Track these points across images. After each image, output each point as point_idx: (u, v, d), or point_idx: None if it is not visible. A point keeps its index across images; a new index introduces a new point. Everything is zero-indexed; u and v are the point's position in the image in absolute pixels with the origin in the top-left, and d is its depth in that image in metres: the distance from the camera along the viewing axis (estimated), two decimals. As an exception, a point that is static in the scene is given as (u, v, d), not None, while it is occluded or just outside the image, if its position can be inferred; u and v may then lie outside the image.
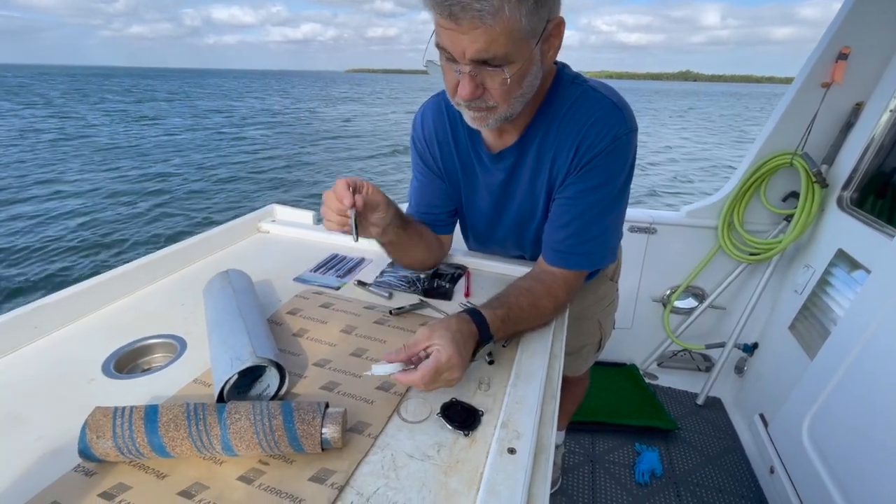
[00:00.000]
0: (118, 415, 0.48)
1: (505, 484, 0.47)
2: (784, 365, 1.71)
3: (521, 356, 0.68)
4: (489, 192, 0.89)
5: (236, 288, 0.72)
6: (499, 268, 0.99)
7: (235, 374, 0.54)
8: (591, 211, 0.76)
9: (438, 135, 0.87)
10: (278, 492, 0.46)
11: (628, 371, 2.10)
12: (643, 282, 2.06)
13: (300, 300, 0.82)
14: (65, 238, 5.62)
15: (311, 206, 1.17)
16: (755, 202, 1.88)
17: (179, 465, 0.49)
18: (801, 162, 1.70)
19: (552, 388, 0.64)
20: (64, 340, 0.69)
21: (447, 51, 0.63)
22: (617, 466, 1.64)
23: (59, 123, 16.11)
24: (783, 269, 1.85)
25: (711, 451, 1.72)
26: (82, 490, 0.46)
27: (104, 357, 0.65)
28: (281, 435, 0.49)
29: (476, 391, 0.63)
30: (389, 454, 0.52)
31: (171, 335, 0.71)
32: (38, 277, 4.65)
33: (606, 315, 1.26)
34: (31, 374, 0.62)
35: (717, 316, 2.04)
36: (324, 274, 0.93)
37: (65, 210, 6.68)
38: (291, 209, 1.20)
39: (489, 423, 0.57)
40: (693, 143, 16.26)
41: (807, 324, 1.64)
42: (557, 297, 0.75)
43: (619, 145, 0.73)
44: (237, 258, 1.00)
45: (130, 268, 0.84)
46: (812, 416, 1.37)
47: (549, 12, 0.64)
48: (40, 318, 0.70)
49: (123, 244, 5.59)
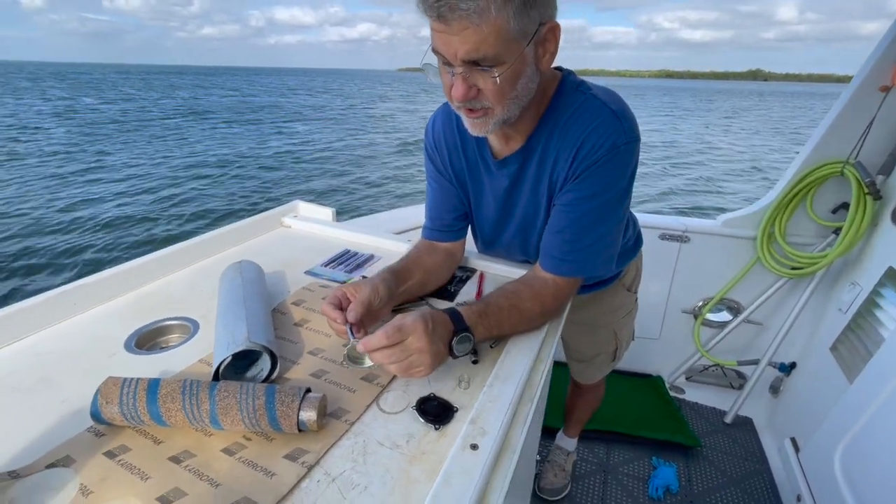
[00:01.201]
0: (125, 385, 0.55)
1: (460, 477, 0.49)
2: (822, 388, 1.60)
3: (504, 357, 0.70)
4: (494, 197, 0.90)
5: (245, 278, 0.78)
6: (513, 272, 0.99)
7: (229, 357, 0.60)
8: (585, 219, 0.76)
9: (448, 141, 0.90)
10: (255, 465, 0.51)
11: (653, 382, 2.04)
12: (673, 291, 1.99)
13: (306, 292, 0.87)
14: (106, 220, 6.20)
15: (335, 202, 1.23)
16: (800, 213, 1.76)
17: (174, 434, 0.55)
18: (853, 171, 1.57)
19: (532, 390, 0.65)
20: (96, 317, 0.78)
21: (441, 54, 0.66)
22: (630, 479, 1.60)
23: (123, 114, 17.65)
24: (827, 286, 1.72)
25: (736, 473, 1.64)
26: (91, 448, 0.52)
27: (127, 334, 0.73)
28: (262, 414, 0.53)
29: (455, 388, 0.65)
30: (362, 440, 0.55)
31: (188, 318, 0.78)
32: (95, 253, 5.18)
33: (623, 325, 1.24)
34: (65, 345, 0.71)
35: (753, 331, 1.93)
36: (334, 268, 0.98)
37: (116, 192, 7.40)
38: (314, 205, 1.27)
39: (462, 419, 0.59)
40: (734, 147, 15.35)
41: (849, 345, 1.53)
42: (544, 302, 0.76)
43: (617, 154, 0.73)
44: (258, 250, 1.08)
45: (161, 254, 0.93)
46: (846, 445, 1.28)
47: (541, 15, 0.65)
48: (79, 296, 0.79)
49: (161, 225, 6.12)
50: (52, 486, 0.47)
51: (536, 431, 1.01)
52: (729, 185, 9.87)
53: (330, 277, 0.94)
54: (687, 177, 10.35)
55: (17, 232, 5.63)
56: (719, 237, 1.87)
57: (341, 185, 8.87)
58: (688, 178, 10.18)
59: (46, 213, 6.33)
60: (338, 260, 1.02)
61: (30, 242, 5.36)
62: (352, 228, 1.18)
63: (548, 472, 1.54)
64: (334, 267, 0.99)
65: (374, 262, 1.03)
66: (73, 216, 6.27)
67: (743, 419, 1.88)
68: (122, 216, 6.34)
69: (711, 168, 11.52)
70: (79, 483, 0.47)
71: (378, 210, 2.16)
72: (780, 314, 1.84)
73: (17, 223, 5.91)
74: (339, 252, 1.06)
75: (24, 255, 5.05)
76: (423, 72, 0.72)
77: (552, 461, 1.56)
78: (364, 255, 1.06)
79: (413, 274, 0.84)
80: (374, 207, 7.25)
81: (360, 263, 1.01)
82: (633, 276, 1.18)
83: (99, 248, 5.31)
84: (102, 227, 5.94)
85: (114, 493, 0.46)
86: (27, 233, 5.64)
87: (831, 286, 1.72)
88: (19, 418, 0.57)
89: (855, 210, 1.57)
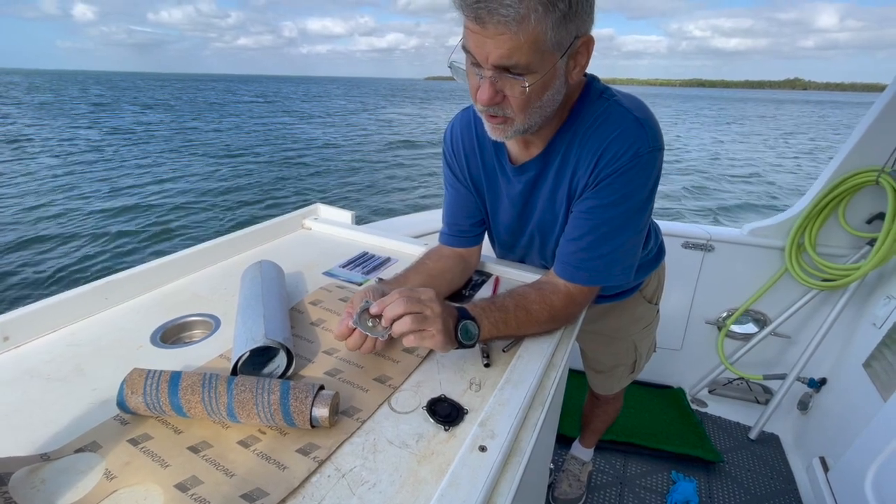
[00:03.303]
0: (150, 376, 0.57)
1: (468, 478, 0.49)
2: (854, 405, 1.53)
3: (516, 362, 0.70)
4: (512, 203, 0.90)
5: (265, 277, 0.80)
6: (529, 277, 0.99)
7: (248, 352, 0.62)
8: (604, 227, 0.76)
9: (465, 146, 0.90)
10: (268, 458, 0.52)
11: (674, 395, 1.99)
12: (696, 302, 1.94)
13: (323, 292, 0.89)
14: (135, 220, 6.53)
15: (353, 205, 1.26)
16: (831, 223, 1.70)
17: (193, 424, 0.57)
18: (890, 180, 1.51)
19: (543, 395, 0.65)
20: (126, 312, 0.82)
21: (472, 54, 0.65)
22: (648, 492, 1.56)
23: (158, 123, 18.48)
24: (860, 299, 1.65)
25: (760, 491, 1.58)
26: (116, 435, 0.55)
27: (153, 328, 0.76)
28: (276, 409, 0.55)
29: (467, 391, 0.65)
30: (372, 438, 0.56)
31: (210, 315, 0.81)
32: (126, 249, 5.46)
33: (643, 338, 1.22)
34: (96, 337, 0.74)
35: (780, 345, 1.87)
36: (351, 270, 1.00)
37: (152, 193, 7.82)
38: (334, 208, 1.30)
39: (471, 421, 0.59)
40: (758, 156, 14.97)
41: (884, 362, 1.46)
42: (554, 307, 0.75)
43: (639, 163, 0.72)
44: (279, 251, 1.11)
45: (186, 254, 0.96)
46: (879, 465, 1.23)
47: (578, 29, 0.64)
48: (110, 291, 0.83)
49: (186, 228, 6.39)
50: (80, 470, 0.50)
51: (549, 438, 1.00)
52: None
53: (347, 279, 0.96)
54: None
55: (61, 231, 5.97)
56: (745, 246, 1.82)
57: (362, 189, 9.05)
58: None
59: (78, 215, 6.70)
60: (355, 262, 1.04)
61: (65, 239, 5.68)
62: (370, 231, 1.20)
63: (562, 482, 1.52)
64: (352, 269, 1.01)
65: (390, 264, 1.05)
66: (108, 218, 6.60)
67: (768, 435, 1.81)
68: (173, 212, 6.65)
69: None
70: (104, 467, 0.50)
71: (396, 214, 2.19)
72: (810, 327, 1.77)
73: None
74: (357, 254, 1.08)
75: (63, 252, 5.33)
76: (452, 80, 0.72)
77: (567, 470, 1.54)
78: (381, 257, 1.07)
79: (411, 280, 0.85)
80: (393, 210, 7.40)
81: (376, 266, 1.03)
82: (655, 287, 1.16)
83: (123, 250, 5.58)
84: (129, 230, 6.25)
85: (136, 478, 0.49)
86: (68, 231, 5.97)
87: (865, 300, 1.65)
88: (53, 405, 0.60)
89: (892, 220, 1.50)
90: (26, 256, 5.15)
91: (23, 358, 0.69)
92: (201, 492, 0.47)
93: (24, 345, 0.72)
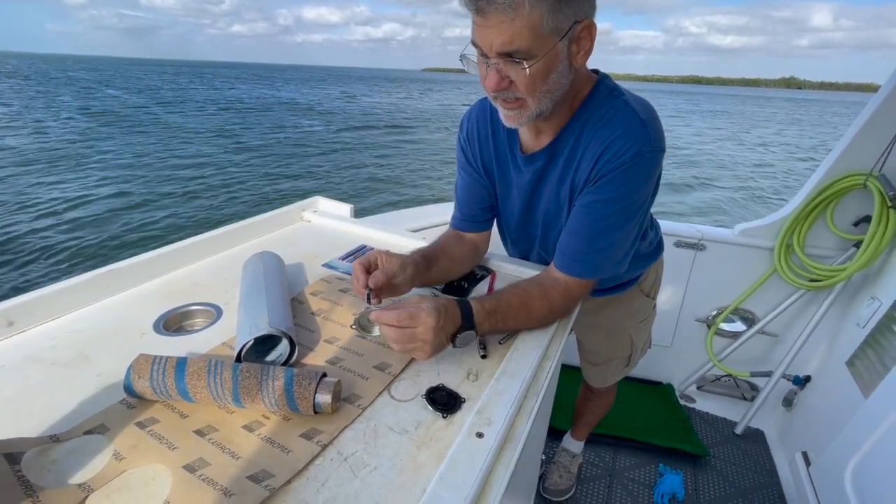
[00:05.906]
0: (156, 362, 0.59)
1: (466, 463, 0.51)
2: (837, 402, 1.57)
3: (512, 353, 0.72)
4: (520, 192, 0.92)
5: (266, 268, 0.82)
6: (527, 273, 1.01)
7: (251, 340, 0.63)
8: (602, 223, 0.78)
9: (480, 133, 0.93)
10: (273, 441, 0.54)
11: (663, 390, 2.03)
12: (687, 300, 1.98)
13: (323, 283, 0.91)
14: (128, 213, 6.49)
15: (351, 198, 1.27)
16: (819, 225, 1.74)
17: (199, 409, 0.58)
18: (877, 184, 1.55)
19: (537, 386, 0.67)
20: (128, 300, 0.83)
21: (479, 46, 0.70)
22: (636, 484, 1.60)
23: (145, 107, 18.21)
24: (846, 300, 1.70)
25: (744, 485, 1.63)
26: (123, 418, 0.56)
27: (156, 316, 0.77)
28: (281, 395, 0.57)
29: (464, 380, 0.67)
30: (373, 424, 0.58)
31: (212, 304, 0.82)
32: (126, 237, 5.44)
33: (639, 331, 1.24)
34: (100, 324, 0.75)
35: (767, 343, 1.91)
36: (350, 262, 1.02)
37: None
38: (333, 201, 1.31)
39: (469, 409, 0.61)
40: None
41: (866, 360, 1.50)
42: (553, 302, 0.78)
43: (639, 162, 0.74)
44: (279, 242, 1.12)
45: (188, 243, 0.97)
46: (858, 460, 1.27)
47: (576, 13, 0.67)
48: (112, 279, 0.83)
49: (184, 219, 6.38)
50: (89, 451, 0.51)
51: (541, 429, 1.02)
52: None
53: (346, 270, 0.98)
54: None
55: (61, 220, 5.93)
56: (735, 246, 1.85)
57: (362, 182, 9.05)
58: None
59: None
60: (354, 254, 1.06)
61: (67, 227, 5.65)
62: (368, 225, 1.21)
63: (553, 473, 1.55)
64: (350, 260, 1.02)
65: (389, 257, 1.06)
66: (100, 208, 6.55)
67: (754, 431, 1.86)
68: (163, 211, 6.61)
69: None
70: (113, 449, 0.51)
71: (396, 207, 2.20)
72: (796, 326, 1.82)
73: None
74: (356, 247, 1.09)
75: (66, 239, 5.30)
76: (450, 71, 0.74)
77: (558, 462, 1.58)
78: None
79: (440, 261, 0.89)
80: (392, 203, 7.43)
81: (375, 259, 1.05)
82: (653, 281, 1.19)
83: (126, 236, 5.55)
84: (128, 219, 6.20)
85: (145, 459, 0.50)
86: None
87: (850, 300, 1.69)
88: (58, 390, 0.61)
89: (877, 223, 1.54)
90: (33, 242, 5.15)
91: (26, 344, 0.70)
92: (209, 473, 0.49)
93: (28, 330, 0.73)
